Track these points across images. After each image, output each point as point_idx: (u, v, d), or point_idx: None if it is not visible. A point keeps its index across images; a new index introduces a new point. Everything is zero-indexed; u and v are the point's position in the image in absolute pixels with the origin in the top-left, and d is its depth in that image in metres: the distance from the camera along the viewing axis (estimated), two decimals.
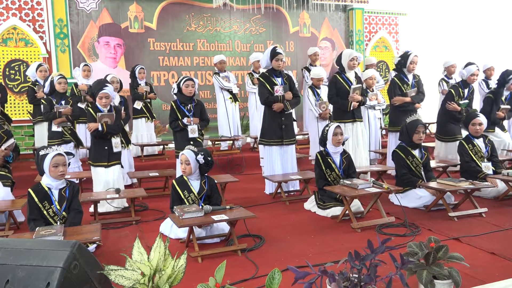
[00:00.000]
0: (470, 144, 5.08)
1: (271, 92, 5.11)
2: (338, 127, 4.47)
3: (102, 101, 4.57)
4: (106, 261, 2.84)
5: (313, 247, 3.45)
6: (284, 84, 5.19)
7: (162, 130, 8.37)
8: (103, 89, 4.54)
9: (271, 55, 5.12)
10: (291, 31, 9.37)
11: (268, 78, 5.17)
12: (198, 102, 5.18)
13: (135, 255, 1.98)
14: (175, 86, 5.10)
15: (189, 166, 3.75)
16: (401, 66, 5.98)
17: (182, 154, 3.78)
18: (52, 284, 1.71)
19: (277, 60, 5.10)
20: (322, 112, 6.38)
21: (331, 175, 4.46)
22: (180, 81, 5.02)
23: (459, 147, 5.15)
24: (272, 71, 5.19)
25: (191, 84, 4.98)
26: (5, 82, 7.18)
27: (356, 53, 5.75)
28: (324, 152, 4.53)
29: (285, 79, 5.24)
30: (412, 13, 10.31)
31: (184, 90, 4.98)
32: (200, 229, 3.60)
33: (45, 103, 5.67)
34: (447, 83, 7.82)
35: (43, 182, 3.52)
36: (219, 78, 7.42)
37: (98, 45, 7.93)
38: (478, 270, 2.86)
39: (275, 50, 5.11)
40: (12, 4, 7.26)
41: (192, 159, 3.74)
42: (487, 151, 5.12)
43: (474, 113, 5.27)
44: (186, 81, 4.98)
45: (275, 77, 5.18)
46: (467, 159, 5.03)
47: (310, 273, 2.06)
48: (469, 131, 5.15)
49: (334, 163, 4.48)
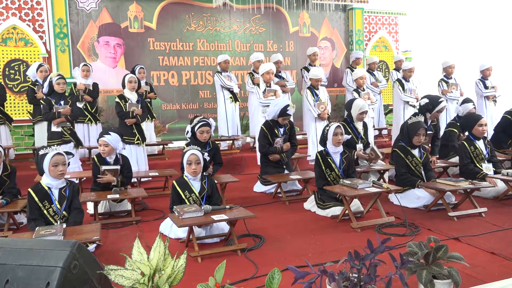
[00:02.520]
0: (472, 146, 5.07)
1: (271, 143, 5.26)
2: (338, 127, 4.47)
3: (101, 149, 4.52)
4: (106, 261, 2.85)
5: (312, 247, 3.45)
6: (286, 134, 5.34)
7: (162, 130, 8.36)
8: (103, 137, 4.48)
9: (281, 113, 5.23)
10: (291, 31, 9.36)
11: (271, 128, 5.30)
12: (213, 147, 4.85)
13: (135, 255, 1.98)
14: (189, 128, 4.76)
15: (199, 166, 3.77)
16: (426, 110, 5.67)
17: (193, 154, 3.77)
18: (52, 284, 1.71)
19: (284, 120, 5.29)
20: (321, 112, 6.38)
21: (331, 175, 4.46)
22: (195, 124, 4.65)
23: (460, 149, 5.14)
24: (276, 122, 5.33)
25: (206, 130, 4.64)
26: (5, 82, 7.17)
27: (367, 107, 5.58)
28: (324, 152, 4.54)
29: (287, 129, 5.40)
30: (412, 13, 10.30)
31: (199, 136, 4.65)
32: (200, 229, 3.60)
33: (44, 103, 5.67)
34: (447, 83, 7.83)
35: (43, 181, 3.52)
36: (221, 76, 7.43)
37: (98, 45, 7.93)
38: (477, 270, 2.86)
39: (285, 111, 5.21)
40: (12, 4, 7.25)
41: (201, 158, 3.78)
42: (487, 152, 5.12)
43: (478, 115, 5.25)
44: (201, 127, 4.61)
45: (278, 127, 5.33)
46: (466, 161, 5.02)
47: (310, 273, 2.06)
48: (474, 132, 5.12)
49: (334, 163, 4.48)
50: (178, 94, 8.52)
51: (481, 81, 7.88)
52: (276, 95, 6.66)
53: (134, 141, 5.82)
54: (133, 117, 5.78)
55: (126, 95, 5.86)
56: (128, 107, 5.77)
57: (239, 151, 7.31)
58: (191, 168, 3.76)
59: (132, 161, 5.44)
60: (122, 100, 5.80)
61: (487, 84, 7.85)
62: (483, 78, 7.88)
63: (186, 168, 3.82)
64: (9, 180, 4.19)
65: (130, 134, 5.78)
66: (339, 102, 9.57)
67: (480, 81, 7.89)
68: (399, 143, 4.87)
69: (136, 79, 6.02)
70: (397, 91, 7.72)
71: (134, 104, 5.82)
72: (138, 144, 5.86)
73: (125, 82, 5.92)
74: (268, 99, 6.52)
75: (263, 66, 6.69)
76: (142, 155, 5.97)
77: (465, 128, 5.34)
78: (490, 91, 7.78)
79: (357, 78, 7.44)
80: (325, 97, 6.56)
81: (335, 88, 9.60)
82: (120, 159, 4.63)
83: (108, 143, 4.47)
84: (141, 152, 5.94)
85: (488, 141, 5.20)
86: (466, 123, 5.28)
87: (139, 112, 5.81)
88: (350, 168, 4.59)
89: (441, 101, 5.65)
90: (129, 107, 5.77)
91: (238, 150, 7.42)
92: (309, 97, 6.44)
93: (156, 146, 7.35)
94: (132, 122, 5.80)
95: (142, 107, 5.92)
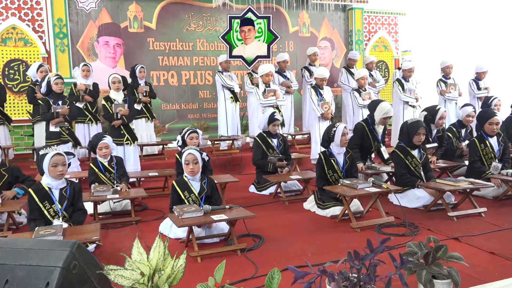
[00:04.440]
0: (483, 143, 5.05)
1: (265, 153, 5.36)
2: (345, 127, 4.49)
3: (102, 152, 4.69)
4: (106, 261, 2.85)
5: (312, 247, 3.45)
6: (280, 145, 5.46)
7: (162, 130, 8.36)
8: (102, 140, 4.69)
9: (269, 120, 5.40)
10: (290, 31, 9.36)
11: (265, 139, 5.45)
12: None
13: (134, 255, 1.98)
14: (179, 138, 5.03)
15: (197, 165, 3.77)
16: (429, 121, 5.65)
17: (190, 154, 3.78)
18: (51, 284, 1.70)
19: (274, 126, 5.44)
20: (324, 112, 6.38)
21: (333, 176, 4.45)
22: (184, 133, 4.95)
23: (470, 146, 5.11)
24: (268, 133, 5.46)
25: (195, 136, 4.93)
26: (5, 82, 7.16)
27: (392, 112, 5.40)
28: (327, 152, 4.52)
29: (280, 140, 5.52)
30: (411, 13, 10.30)
31: (189, 142, 4.89)
32: (199, 229, 3.60)
33: (42, 103, 5.66)
34: (445, 83, 7.82)
35: (43, 182, 3.52)
36: (222, 76, 7.43)
37: (97, 45, 7.93)
38: (477, 270, 2.86)
39: (273, 116, 5.43)
40: (12, 4, 7.24)
41: (199, 158, 3.77)
42: (499, 150, 5.08)
43: (492, 112, 5.17)
44: (190, 134, 4.92)
45: (271, 138, 5.46)
46: (472, 159, 5.01)
47: (309, 273, 2.06)
48: (485, 130, 5.09)
49: (338, 164, 4.47)
50: (178, 94, 8.51)
51: (475, 82, 7.89)
52: (276, 95, 6.66)
53: (123, 142, 5.80)
54: (119, 118, 5.75)
55: (111, 96, 5.84)
56: (114, 108, 5.71)
57: (238, 151, 7.31)
58: (189, 168, 3.76)
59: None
60: (108, 102, 5.78)
61: (480, 85, 7.86)
62: (477, 79, 7.89)
63: (184, 168, 3.83)
64: (7, 174, 4.38)
65: (119, 135, 5.78)
66: (339, 102, 9.58)
67: (473, 81, 7.89)
68: (398, 143, 4.87)
69: (120, 79, 5.94)
70: (396, 91, 7.72)
71: (121, 105, 5.75)
72: (128, 144, 5.84)
73: (109, 83, 5.91)
74: (268, 100, 6.53)
75: (263, 67, 6.69)
76: (132, 155, 5.92)
77: (478, 123, 5.25)
78: (483, 92, 7.78)
79: (359, 79, 7.43)
80: (330, 97, 6.54)
81: (335, 88, 9.58)
82: (114, 159, 4.82)
83: (108, 145, 4.71)
84: (130, 152, 5.89)
85: (503, 138, 5.14)
86: (480, 119, 5.19)
87: (125, 112, 5.74)
88: (353, 167, 4.60)
89: (439, 108, 5.68)
90: (115, 108, 5.71)
91: (238, 150, 7.42)
92: (313, 96, 6.43)
93: (156, 146, 7.35)
94: (118, 123, 5.76)
95: (130, 106, 5.87)
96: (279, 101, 6.72)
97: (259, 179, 5.41)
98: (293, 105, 8.13)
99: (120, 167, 4.86)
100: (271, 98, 6.51)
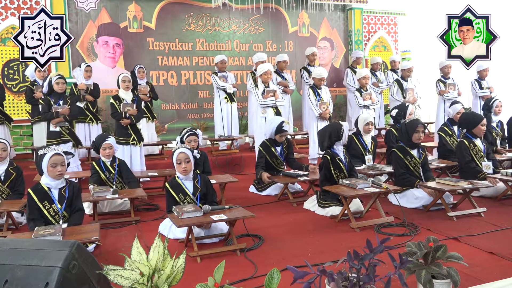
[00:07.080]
0: (471, 143, 5.07)
1: (268, 163, 5.33)
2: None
3: (106, 152, 4.69)
4: (105, 261, 2.85)
5: (312, 247, 3.45)
6: (284, 152, 5.41)
7: (161, 130, 8.36)
8: (106, 140, 4.70)
9: (277, 130, 5.28)
10: (290, 31, 9.37)
11: (268, 149, 5.36)
12: (201, 155, 5.01)
13: (134, 255, 1.97)
14: (178, 139, 5.00)
15: (189, 164, 3.75)
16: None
17: (181, 153, 3.75)
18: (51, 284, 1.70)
19: (281, 136, 5.33)
20: (322, 112, 6.38)
21: (340, 176, 4.46)
22: (183, 135, 4.91)
23: (460, 147, 5.11)
24: (273, 141, 5.36)
25: (193, 139, 4.87)
26: (4, 82, 7.16)
27: (371, 118, 5.70)
28: (330, 153, 4.51)
29: (285, 147, 5.45)
30: (411, 13, 10.31)
31: (187, 145, 4.83)
32: (199, 229, 3.59)
33: (43, 103, 5.67)
34: (444, 83, 7.82)
35: (43, 182, 3.52)
36: (216, 77, 7.45)
37: (97, 45, 7.92)
38: (476, 270, 2.87)
39: (281, 127, 5.28)
40: (11, 4, 7.24)
41: (191, 156, 3.76)
42: (484, 150, 5.12)
43: (480, 115, 5.26)
44: (189, 136, 4.86)
45: (275, 146, 5.38)
46: (467, 159, 5.01)
47: (309, 273, 2.06)
48: (475, 131, 5.09)
49: (342, 162, 4.48)
50: (177, 94, 8.52)
51: (477, 81, 7.88)
52: (275, 95, 6.66)
53: (129, 142, 5.78)
54: (127, 118, 5.74)
55: (120, 95, 5.83)
56: (122, 108, 5.70)
57: (238, 151, 7.31)
58: (181, 167, 3.74)
59: (127, 162, 5.46)
60: (116, 100, 5.76)
61: (483, 84, 7.86)
62: (479, 79, 7.88)
63: (176, 167, 3.80)
64: (15, 173, 4.42)
65: (125, 135, 5.76)
66: (338, 102, 9.59)
67: (476, 81, 7.89)
68: (398, 143, 4.87)
69: (130, 78, 5.94)
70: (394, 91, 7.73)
71: (129, 104, 5.75)
72: (133, 145, 5.82)
73: (119, 82, 5.91)
74: (268, 100, 6.52)
75: (261, 67, 6.68)
76: (138, 156, 5.90)
77: (465, 127, 5.28)
78: (485, 92, 7.78)
79: (360, 78, 7.43)
80: (327, 97, 6.54)
81: (334, 88, 9.60)
82: (116, 160, 4.83)
83: (112, 145, 4.73)
84: (137, 153, 5.87)
85: (483, 139, 5.19)
86: (468, 122, 5.18)
87: (133, 112, 5.73)
88: (351, 162, 4.64)
89: (407, 106, 6.00)
90: (123, 107, 5.71)
91: (237, 150, 7.42)
92: (311, 96, 6.43)
93: (156, 146, 7.35)
94: (127, 123, 5.73)
95: (138, 106, 5.88)
96: (278, 102, 6.71)
97: (259, 179, 5.40)
98: (290, 105, 8.13)
99: (125, 170, 4.85)
100: (270, 98, 6.51)
